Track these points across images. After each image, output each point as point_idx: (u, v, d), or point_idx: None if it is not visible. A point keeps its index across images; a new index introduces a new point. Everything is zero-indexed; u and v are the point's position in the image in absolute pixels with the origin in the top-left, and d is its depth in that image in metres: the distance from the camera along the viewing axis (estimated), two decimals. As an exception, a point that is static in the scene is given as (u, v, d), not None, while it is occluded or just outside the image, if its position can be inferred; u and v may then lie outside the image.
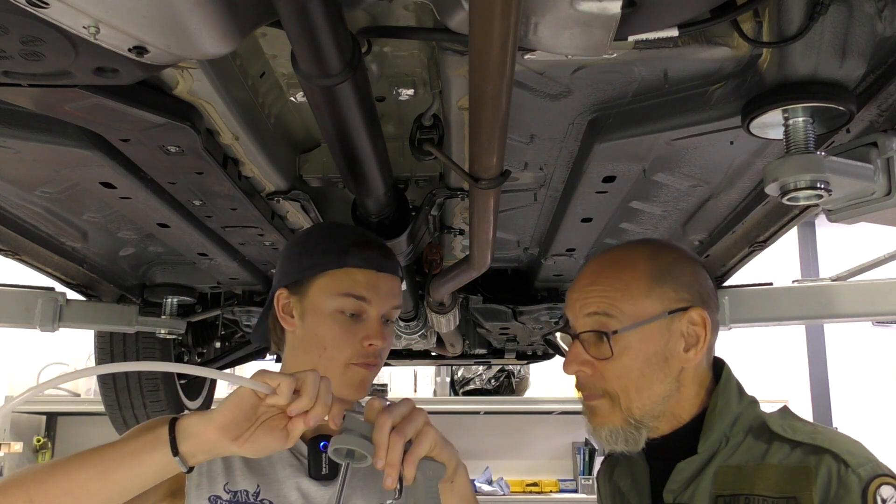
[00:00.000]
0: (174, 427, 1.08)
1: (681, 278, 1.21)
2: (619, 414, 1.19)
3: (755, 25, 1.05)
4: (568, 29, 0.84)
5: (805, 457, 1.10)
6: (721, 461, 1.17)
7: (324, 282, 1.34)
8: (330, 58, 0.89)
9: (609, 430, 1.20)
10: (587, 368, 1.21)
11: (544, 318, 2.80)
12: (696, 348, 1.19)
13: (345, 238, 1.37)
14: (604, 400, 1.20)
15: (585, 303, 1.22)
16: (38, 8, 0.76)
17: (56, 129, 1.29)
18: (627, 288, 1.19)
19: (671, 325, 1.18)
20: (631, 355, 1.17)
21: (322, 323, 1.33)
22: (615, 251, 1.29)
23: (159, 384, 2.97)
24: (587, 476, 5.42)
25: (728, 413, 1.19)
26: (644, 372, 1.18)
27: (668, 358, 1.18)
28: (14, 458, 5.10)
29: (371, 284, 1.33)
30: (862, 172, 1.11)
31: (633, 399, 1.18)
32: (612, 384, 1.19)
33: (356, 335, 1.32)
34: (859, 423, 5.32)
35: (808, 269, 6.01)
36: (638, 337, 1.17)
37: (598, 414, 1.21)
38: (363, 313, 1.33)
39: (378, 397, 1.13)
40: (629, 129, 1.31)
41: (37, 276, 2.25)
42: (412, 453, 1.08)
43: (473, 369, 5.49)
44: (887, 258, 2.55)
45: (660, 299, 1.18)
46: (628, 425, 1.19)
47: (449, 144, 1.36)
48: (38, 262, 2.09)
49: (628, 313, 1.18)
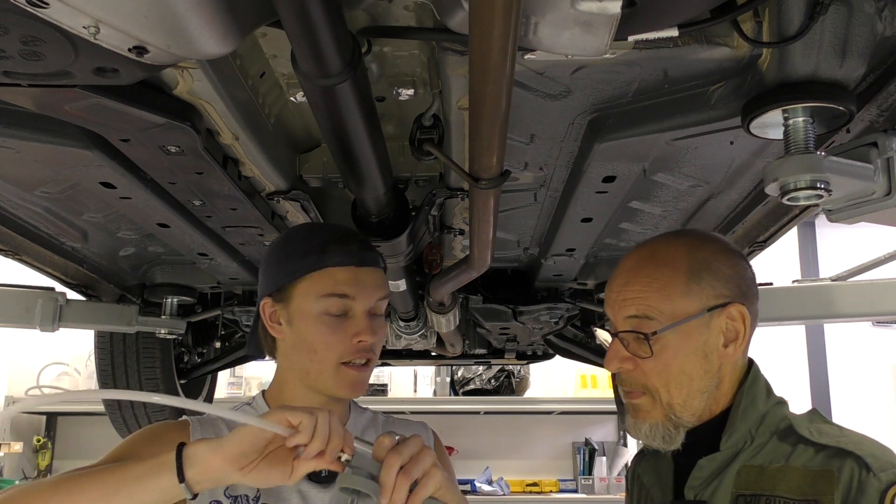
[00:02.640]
0: (181, 454, 1.07)
1: (719, 273, 1.20)
2: (659, 410, 1.20)
3: (755, 25, 1.05)
4: (568, 29, 0.84)
5: (828, 460, 1.10)
6: (745, 460, 1.17)
7: (306, 285, 1.32)
8: (330, 58, 0.89)
9: (649, 425, 1.21)
10: (628, 365, 1.21)
11: (544, 318, 2.80)
12: (736, 344, 1.19)
13: (321, 237, 1.35)
14: (645, 397, 1.21)
15: (624, 303, 1.21)
16: (38, 8, 0.76)
17: (56, 129, 1.29)
18: (665, 287, 1.19)
19: (710, 322, 1.18)
20: (670, 353, 1.17)
21: (309, 326, 1.32)
22: (652, 245, 1.26)
23: (159, 384, 2.96)
24: (587, 476, 5.42)
25: (753, 412, 1.19)
26: (684, 369, 1.18)
27: (708, 354, 1.19)
28: (14, 458, 5.10)
29: (353, 281, 1.32)
30: (862, 172, 1.11)
31: (674, 395, 1.19)
32: (652, 380, 1.19)
33: (345, 333, 1.31)
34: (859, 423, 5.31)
35: (808, 269, 6.00)
36: (677, 335, 1.17)
37: (641, 410, 1.22)
38: (349, 311, 1.32)
39: (389, 434, 1.11)
40: (629, 129, 1.31)
41: (37, 276, 2.25)
42: (416, 494, 1.08)
43: (473, 369, 5.49)
44: (887, 258, 2.55)
45: (698, 297, 1.18)
46: (668, 421, 1.20)
47: (449, 144, 1.36)
48: (38, 262, 2.09)
49: (667, 313, 1.18)
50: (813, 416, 1.21)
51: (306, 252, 1.33)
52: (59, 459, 5.40)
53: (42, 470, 5.24)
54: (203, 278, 2.42)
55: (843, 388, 5.84)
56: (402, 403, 5.24)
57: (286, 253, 1.37)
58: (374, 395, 5.31)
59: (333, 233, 1.37)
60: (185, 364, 3.18)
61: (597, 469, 5.42)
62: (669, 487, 1.25)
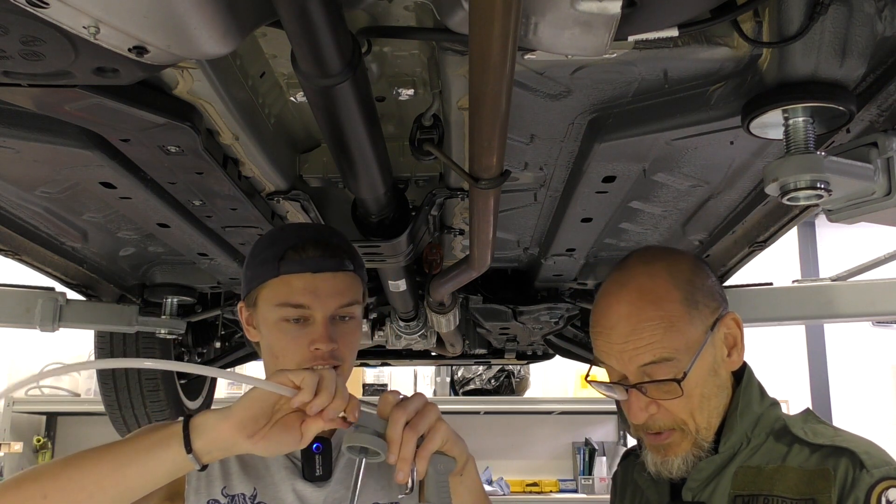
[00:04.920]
0: (188, 424, 1.07)
1: (704, 288, 1.21)
2: (689, 439, 1.20)
3: (755, 25, 1.05)
4: (568, 29, 0.84)
5: (824, 459, 1.11)
6: (741, 461, 1.17)
7: (265, 293, 1.32)
8: (330, 58, 0.89)
9: (682, 459, 1.20)
10: (653, 409, 1.20)
11: (544, 318, 2.80)
12: (737, 349, 1.21)
13: (282, 243, 1.33)
14: (674, 434, 1.20)
15: (636, 353, 1.18)
16: (38, 8, 0.76)
17: (56, 129, 1.29)
18: (673, 325, 1.17)
19: (714, 339, 1.19)
20: (692, 384, 1.17)
21: (270, 333, 1.32)
22: (634, 281, 1.22)
23: (159, 384, 2.96)
24: (587, 476, 5.42)
25: (749, 414, 1.20)
26: (704, 393, 1.19)
27: (717, 368, 1.20)
28: (14, 458, 5.10)
29: (308, 289, 1.29)
30: (862, 172, 1.11)
31: (700, 422, 1.19)
32: (680, 416, 1.19)
33: (302, 341, 1.29)
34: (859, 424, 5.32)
35: (808, 269, 6.00)
36: (695, 365, 1.17)
37: (672, 447, 1.21)
38: (308, 318, 1.30)
39: (392, 391, 1.12)
40: (629, 129, 1.30)
41: (37, 276, 2.25)
42: (424, 448, 1.08)
43: (473, 369, 5.49)
44: (887, 258, 2.55)
45: (700, 320, 1.18)
46: (696, 447, 1.20)
47: (449, 144, 1.36)
48: (38, 262, 2.09)
49: (682, 349, 1.17)
50: (807, 417, 1.22)
51: (266, 259, 1.33)
52: (59, 459, 5.40)
53: (42, 470, 5.24)
54: (203, 278, 2.42)
55: (843, 388, 5.84)
56: (402, 403, 5.23)
57: (252, 258, 1.37)
58: (374, 395, 5.31)
59: (295, 238, 1.35)
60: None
61: (597, 469, 5.42)
62: (666, 489, 1.26)
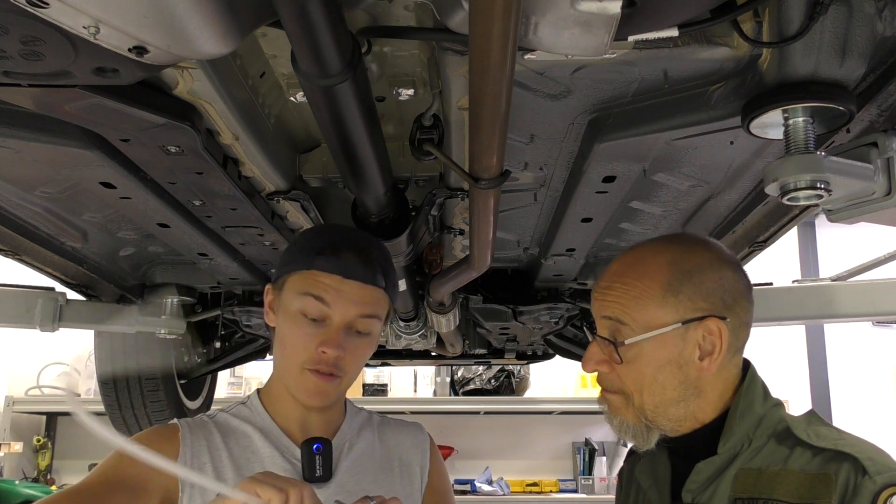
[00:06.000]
0: None
1: (702, 286, 1.18)
2: (631, 411, 1.21)
3: (755, 25, 1.05)
4: (568, 29, 0.84)
5: (826, 463, 1.09)
6: (742, 463, 1.16)
7: (293, 280, 1.32)
8: (330, 58, 0.89)
9: (619, 421, 1.23)
10: (604, 367, 1.23)
11: (544, 318, 2.80)
12: (711, 358, 1.17)
13: (323, 240, 1.34)
14: (618, 396, 1.22)
15: (603, 304, 1.23)
16: (38, 8, 0.76)
17: (56, 129, 1.29)
18: (640, 297, 1.19)
19: (686, 334, 1.17)
20: (643, 361, 1.18)
21: (286, 322, 1.32)
22: (640, 251, 1.26)
23: (159, 384, 2.96)
24: (587, 476, 5.42)
25: (750, 415, 1.18)
26: (657, 378, 1.18)
27: (682, 366, 1.18)
28: (14, 458, 5.10)
29: (334, 288, 1.29)
30: (862, 172, 1.11)
31: (646, 401, 1.19)
32: (627, 385, 1.20)
33: (312, 339, 1.29)
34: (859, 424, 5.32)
35: (808, 269, 6.00)
36: (651, 344, 1.17)
37: (612, 405, 1.24)
38: (325, 318, 1.29)
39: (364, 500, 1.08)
40: (629, 129, 1.30)
41: (37, 276, 2.25)
42: None
43: (473, 369, 5.49)
44: (887, 258, 2.55)
45: (674, 308, 1.17)
46: (640, 423, 1.21)
47: (449, 144, 1.36)
48: (38, 262, 2.09)
49: (640, 321, 1.18)
50: (811, 419, 1.20)
51: (304, 250, 1.34)
52: (59, 459, 5.40)
53: (42, 470, 5.24)
54: (203, 278, 2.42)
55: (843, 388, 5.84)
56: (401, 403, 5.24)
57: (293, 246, 1.40)
58: (374, 395, 5.31)
59: (336, 239, 1.35)
60: (185, 364, 3.18)
61: (597, 469, 5.42)
62: (667, 491, 1.25)
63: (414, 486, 1.44)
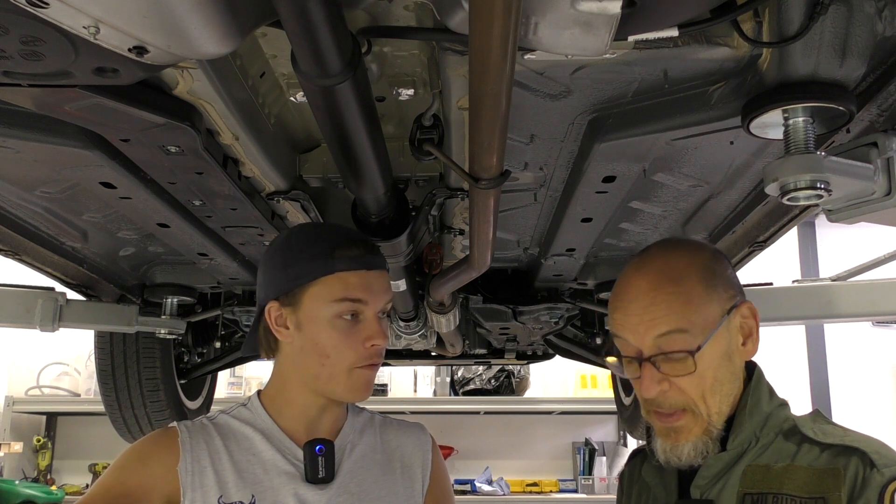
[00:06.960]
0: None
1: (723, 275, 1.22)
2: (700, 425, 1.19)
3: (755, 25, 1.05)
4: (568, 29, 0.84)
5: (834, 458, 1.11)
6: (750, 460, 1.17)
7: (316, 290, 1.30)
8: (330, 58, 0.89)
9: (692, 445, 1.20)
10: (664, 386, 1.19)
11: (544, 318, 2.80)
12: (752, 339, 1.21)
13: (328, 240, 1.33)
14: (686, 416, 1.20)
15: (652, 323, 1.18)
16: (38, 8, 0.76)
17: (56, 129, 1.29)
18: (691, 300, 1.17)
19: (730, 325, 1.19)
20: (705, 363, 1.17)
21: (321, 331, 1.30)
22: (657, 261, 1.24)
23: (159, 384, 2.96)
24: (587, 476, 5.42)
25: (758, 412, 1.19)
26: (716, 376, 1.18)
27: (732, 355, 1.20)
28: (14, 458, 5.10)
29: (364, 285, 1.31)
30: (862, 172, 1.11)
31: (711, 405, 1.18)
32: (692, 396, 1.18)
33: (357, 338, 1.30)
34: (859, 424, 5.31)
35: (808, 269, 6.00)
36: (709, 345, 1.17)
37: (682, 431, 1.20)
38: (360, 314, 1.32)
39: None
40: (629, 129, 1.31)
41: (37, 276, 2.25)
42: None
43: (473, 369, 5.49)
44: (887, 258, 2.55)
45: (718, 302, 1.19)
46: (706, 434, 1.19)
47: (449, 144, 1.36)
48: (38, 262, 2.09)
49: (698, 324, 1.17)
50: (816, 417, 1.22)
51: (314, 255, 1.31)
52: (59, 459, 5.40)
53: (42, 470, 5.24)
54: (203, 278, 2.42)
55: (843, 388, 5.84)
56: (402, 403, 5.23)
57: (292, 255, 1.33)
58: (375, 395, 5.27)
59: (340, 236, 1.35)
60: (185, 364, 3.18)
61: (597, 469, 5.42)
62: (674, 486, 1.26)
63: (415, 487, 1.43)
